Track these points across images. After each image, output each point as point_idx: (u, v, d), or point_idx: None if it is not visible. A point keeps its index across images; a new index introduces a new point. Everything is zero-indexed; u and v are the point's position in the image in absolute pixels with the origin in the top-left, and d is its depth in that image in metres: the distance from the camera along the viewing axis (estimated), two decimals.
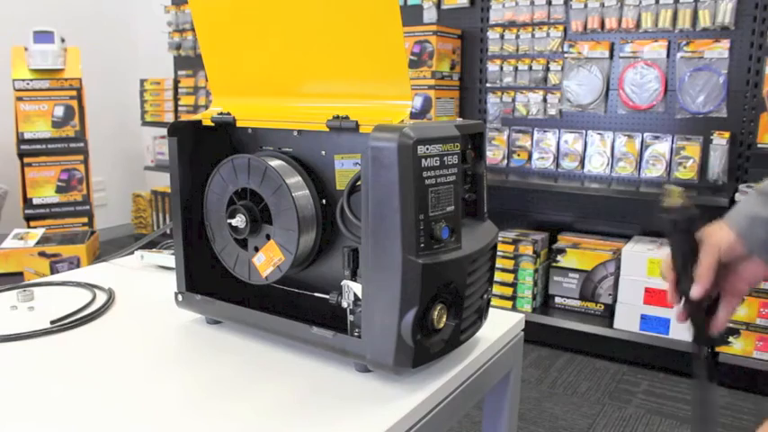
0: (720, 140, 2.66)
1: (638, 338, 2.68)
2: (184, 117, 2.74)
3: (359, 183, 0.75)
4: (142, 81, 4.51)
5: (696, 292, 0.77)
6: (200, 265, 0.95)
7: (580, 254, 2.84)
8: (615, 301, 2.75)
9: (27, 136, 3.62)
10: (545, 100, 3.06)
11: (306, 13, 0.80)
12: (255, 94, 0.92)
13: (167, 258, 1.25)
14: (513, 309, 2.96)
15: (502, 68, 3.12)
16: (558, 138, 3.05)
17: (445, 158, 0.72)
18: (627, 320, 2.71)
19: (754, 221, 0.78)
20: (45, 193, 3.68)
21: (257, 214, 0.85)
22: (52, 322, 0.96)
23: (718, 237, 0.78)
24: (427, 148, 0.70)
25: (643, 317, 2.67)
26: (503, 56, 3.13)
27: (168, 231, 1.23)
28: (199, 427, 0.68)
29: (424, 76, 3.09)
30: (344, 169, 0.83)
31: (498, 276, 2.96)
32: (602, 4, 2.83)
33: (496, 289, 2.98)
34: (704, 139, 2.72)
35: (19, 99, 3.59)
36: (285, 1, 0.82)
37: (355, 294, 0.79)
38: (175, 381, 0.79)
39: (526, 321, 1.02)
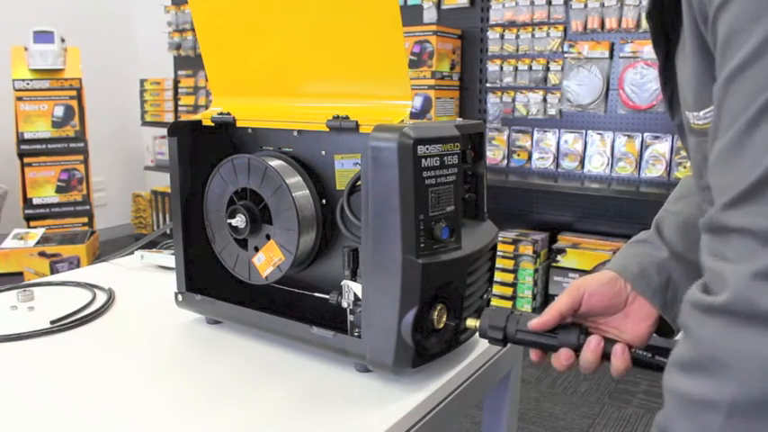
0: None
1: None
2: (184, 117, 2.74)
3: (359, 183, 0.75)
4: (142, 81, 4.51)
5: (534, 322, 0.72)
6: (200, 265, 0.95)
7: (580, 254, 2.84)
8: None
9: (27, 136, 3.62)
10: (545, 100, 3.06)
11: (306, 13, 0.80)
12: (255, 94, 0.92)
13: (167, 258, 1.25)
14: (513, 309, 2.96)
15: (502, 68, 3.12)
16: (558, 138, 3.05)
17: (445, 158, 0.72)
18: None
19: (643, 266, 0.75)
20: (45, 193, 3.68)
21: (257, 214, 0.85)
22: (52, 322, 0.96)
23: (584, 282, 0.74)
24: (427, 148, 0.70)
25: None
26: (503, 56, 3.13)
27: (168, 231, 1.23)
28: (198, 427, 0.68)
29: (424, 76, 3.09)
30: (344, 169, 0.83)
31: (498, 276, 2.96)
32: (602, 4, 2.83)
33: (496, 289, 2.98)
34: None
35: (19, 99, 3.59)
36: (285, 1, 0.82)
37: (355, 294, 0.79)
38: (175, 381, 0.79)
39: None
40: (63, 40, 3.70)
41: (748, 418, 0.42)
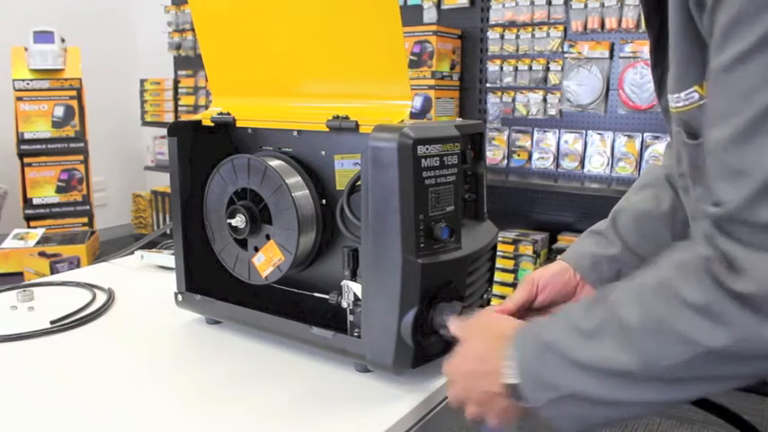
0: None
1: None
2: (184, 117, 2.74)
3: (359, 183, 0.75)
4: (142, 81, 4.50)
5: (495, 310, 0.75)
6: (200, 265, 0.95)
7: None
8: None
9: (27, 136, 3.61)
10: (545, 100, 3.06)
11: (306, 13, 0.80)
12: (255, 94, 0.92)
13: (167, 258, 1.25)
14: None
15: (502, 68, 3.12)
16: (558, 138, 3.05)
17: (445, 158, 0.72)
18: None
19: (596, 260, 0.79)
20: (45, 193, 3.68)
21: (257, 214, 0.85)
22: (52, 322, 0.96)
23: (537, 275, 0.78)
24: (427, 149, 0.70)
25: None
26: (503, 56, 3.12)
27: (168, 231, 1.23)
28: (198, 427, 0.68)
29: (424, 76, 3.08)
30: (344, 169, 0.83)
31: (498, 276, 2.96)
32: (602, 4, 2.83)
33: (496, 289, 2.98)
34: None
35: (19, 99, 3.59)
36: (285, 1, 0.82)
37: (355, 294, 0.79)
38: (175, 381, 0.79)
39: None
40: (63, 40, 3.70)
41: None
